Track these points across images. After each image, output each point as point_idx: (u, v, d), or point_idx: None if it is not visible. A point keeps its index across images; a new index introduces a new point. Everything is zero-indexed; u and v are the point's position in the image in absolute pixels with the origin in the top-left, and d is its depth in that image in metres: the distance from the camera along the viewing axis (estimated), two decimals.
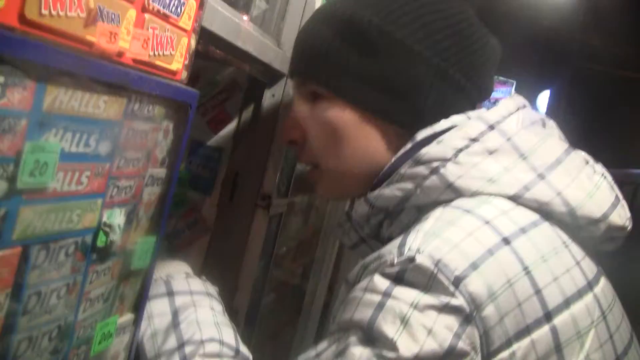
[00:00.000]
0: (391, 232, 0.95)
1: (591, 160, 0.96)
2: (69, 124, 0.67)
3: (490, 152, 0.87)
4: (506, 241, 0.80)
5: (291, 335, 2.53)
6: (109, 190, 0.78)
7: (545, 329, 0.78)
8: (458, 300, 0.75)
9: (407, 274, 0.76)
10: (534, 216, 0.85)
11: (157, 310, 0.99)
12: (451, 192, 0.86)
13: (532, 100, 0.96)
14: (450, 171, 0.86)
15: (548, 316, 0.79)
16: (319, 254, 2.63)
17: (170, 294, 1.03)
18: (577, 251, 0.87)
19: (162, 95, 0.83)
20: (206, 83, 1.48)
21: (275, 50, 1.39)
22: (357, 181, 1.00)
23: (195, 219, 1.53)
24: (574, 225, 0.87)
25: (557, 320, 0.79)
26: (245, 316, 1.56)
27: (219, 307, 1.09)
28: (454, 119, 0.94)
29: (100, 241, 0.78)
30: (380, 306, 0.76)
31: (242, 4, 1.35)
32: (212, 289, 1.12)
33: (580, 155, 0.96)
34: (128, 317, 0.92)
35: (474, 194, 0.85)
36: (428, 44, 0.93)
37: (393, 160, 0.94)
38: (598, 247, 0.92)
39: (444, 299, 0.75)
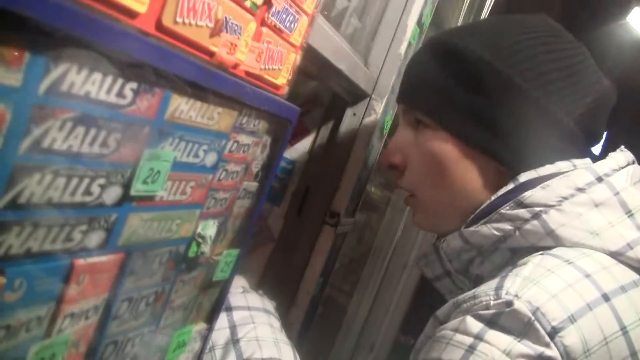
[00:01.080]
0: (482, 271, 0.93)
1: None
2: (184, 133, 0.66)
3: (596, 205, 0.85)
4: (606, 298, 0.77)
5: (328, 349, 2.52)
6: (207, 202, 0.77)
7: None
8: (552, 352, 0.72)
9: (502, 318, 0.74)
10: (634, 275, 0.82)
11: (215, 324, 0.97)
12: (550, 240, 0.84)
13: None
14: (553, 218, 0.84)
15: None
16: (366, 272, 2.61)
17: (228, 309, 1.01)
18: None
19: (268, 110, 0.82)
20: (288, 95, 1.48)
21: (363, 70, 1.38)
22: (452, 214, 0.98)
23: (261, 227, 1.53)
24: None
25: None
26: (298, 331, 1.55)
27: (277, 323, 1.07)
28: (559, 165, 0.92)
29: (192, 251, 0.78)
30: (471, 349, 0.73)
31: (334, 19, 1.34)
32: (270, 305, 1.11)
33: None
34: (201, 326, 0.91)
35: (574, 245, 0.83)
36: (538, 84, 0.91)
37: (493, 198, 0.92)
38: None
39: (538, 349, 0.72)
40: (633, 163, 0.94)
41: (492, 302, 0.76)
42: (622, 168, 0.91)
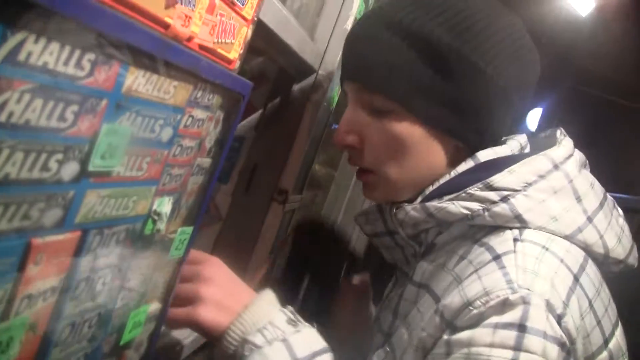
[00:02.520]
0: (438, 240, 0.98)
1: (615, 203, 1.03)
2: (141, 107, 0.64)
3: (555, 192, 0.91)
4: (576, 279, 0.85)
5: None
6: (163, 178, 0.75)
7: (604, 354, 0.87)
8: (564, 338, 0.79)
9: (528, 320, 0.78)
10: (582, 254, 0.91)
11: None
12: (517, 222, 0.89)
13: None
14: (520, 203, 0.89)
15: (606, 343, 0.87)
16: None
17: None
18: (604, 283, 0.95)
19: (222, 84, 0.80)
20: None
21: (310, 45, 1.36)
22: (411, 188, 1.01)
23: (208, 206, 1.51)
24: (600, 262, 0.94)
25: (611, 345, 0.88)
26: None
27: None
28: (511, 144, 1.01)
29: (148, 229, 0.76)
30: None
31: None
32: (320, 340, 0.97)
33: (610, 198, 1.02)
34: (156, 306, 0.90)
35: (538, 228, 0.89)
36: (496, 65, 0.94)
37: (453, 175, 0.97)
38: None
39: (558, 339, 0.78)
40: (574, 148, 1.01)
41: (510, 297, 0.79)
42: (572, 156, 0.97)
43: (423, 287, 0.97)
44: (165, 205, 0.78)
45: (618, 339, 0.91)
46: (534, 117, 8.35)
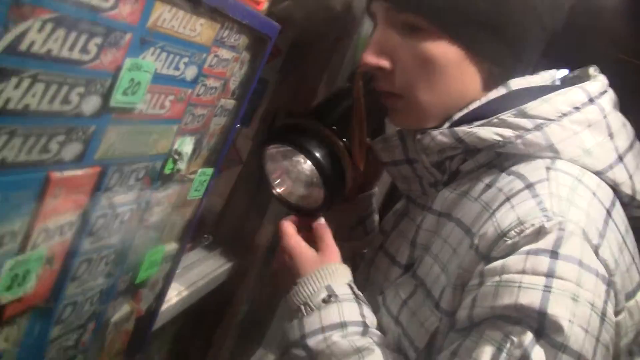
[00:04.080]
0: (463, 167, 0.95)
1: None
2: (166, 44, 0.62)
3: (589, 125, 0.88)
4: (609, 213, 0.83)
5: None
6: (185, 117, 0.74)
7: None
8: (601, 269, 0.76)
9: (562, 246, 0.75)
10: (611, 192, 0.88)
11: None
12: (550, 152, 0.86)
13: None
14: (555, 132, 0.87)
15: None
16: None
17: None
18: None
19: (250, 24, 0.78)
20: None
21: None
22: (441, 113, 0.96)
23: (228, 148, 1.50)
24: (624, 204, 0.90)
25: None
26: (264, 254, 1.54)
27: None
28: (543, 75, 0.98)
29: (168, 168, 0.75)
30: (547, 288, 0.74)
31: None
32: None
33: (638, 142, 0.97)
34: (173, 246, 0.90)
35: (570, 160, 0.86)
36: None
37: (485, 100, 0.94)
38: None
39: (595, 269, 0.75)
40: (608, 86, 0.97)
41: (545, 224, 0.76)
42: (606, 92, 0.94)
43: (444, 215, 0.95)
44: (186, 145, 0.77)
45: None
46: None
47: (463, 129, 0.90)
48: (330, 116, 1.04)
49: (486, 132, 0.88)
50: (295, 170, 1.06)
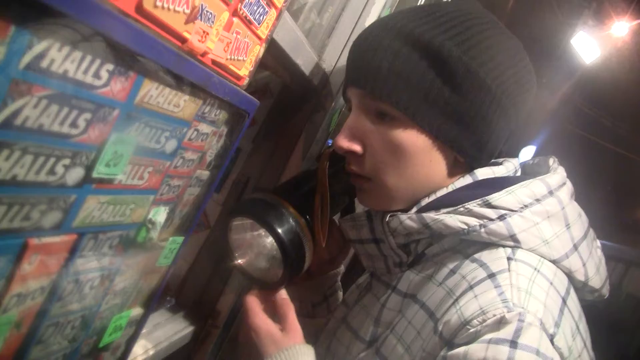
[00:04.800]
0: (429, 251, 0.99)
1: (595, 236, 1.05)
2: (150, 119, 0.65)
3: (548, 216, 0.93)
4: (564, 301, 0.87)
5: None
6: (162, 188, 0.76)
7: None
8: (557, 357, 0.79)
9: (521, 337, 0.78)
10: (566, 279, 0.92)
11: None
12: (511, 241, 0.91)
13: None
14: (516, 222, 0.91)
15: None
16: None
17: None
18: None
19: (230, 101, 0.81)
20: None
21: (317, 66, 1.37)
22: (408, 197, 1.01)
23: None
24: (577, 289, 0.95)
25: None
26: (225, 318, 1.54)
27: None
28: (507, 166, 1.03)
29: (141, 237, 0.76)
30: None
31: (294, 13, 1.33)
32: None
33: (592, 230, 1.03)
34: (138, 312, 0.90)
35: (529, 249, 0.91)
36: (499, 82, 0.95)
37: (451, 189, 0.98)
38: None
39: (550, 357, 0.78)
40: (566, 178, 1.03)
41: (506, 315, 0.80)
42: (565, 184, 1.00)
43: (409, 296, 0.98)
44: (160, 215, 0.78)
45: None
46: (527, 154, 8.43)
47: (430, 216, 0.94)
48: (295, 194, 1.08)
49: (452, 220, 0.92)
50: (257, 244, 1.07)
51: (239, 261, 1.09)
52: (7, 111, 0.44)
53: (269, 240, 1.04)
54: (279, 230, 0.99)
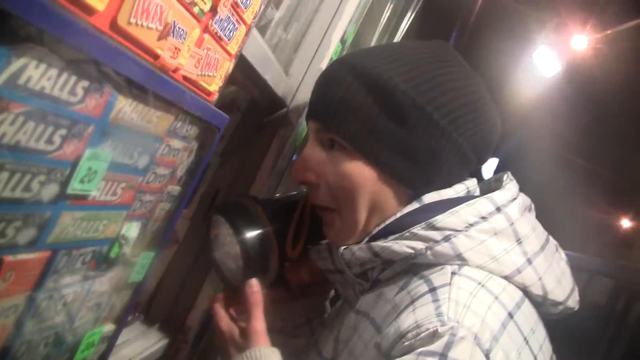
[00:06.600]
0: (382, 276, 1.00)
1: (558, 247, 1.06)
2: (123, 135, 0.65)
3: (496, 233, 0.94)
4: (510, 315, 0.86)
5: None
6: (134, 204, 0.76)
7: None
8: None
9: (452, 350, 0.79)
10: (520, 293, 0.93)
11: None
12: (458, 260, 0.91)
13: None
14: (462, 242, 0.92)
15: None
16: None
17: None
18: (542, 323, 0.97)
19: (201, 116, 0.82)
20: None
21: (285, 81, 1.39)
22: (363, 229, 1.02)
23: None
24: (539, 304, 0.96)
25: None
26: (195, 333, 1.53)
27: None
28: (457, 188, 1.02)
29: (114, 252, 0.76)
30: None
31: (261, 28, 1.34)
32: None
33: (553, 242, 1.05)
34: (111, 327, 0.89)
35: (477, 267, 0.91)
36: (451, 119, 0.97)
37: (399, 215, 0.99)
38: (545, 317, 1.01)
39: None
40: (519, 192, 1.04)
41: (439, 329, 0.80)
42: (515, 199, 1.00)
43: (361, 314, 0.99)
44: (133, 230, 0.79)
45: None
46: (490, 167, 8.53)
47: (379, 244, 0.96)
48: (274, 205, 1.12)
49: (399, 246, 0.94)
50: (229, 243, 1.08)
51: (215, 255, 1.11)
52: None
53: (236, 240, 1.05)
54: (243, 230, 1.02)
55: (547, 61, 6.20)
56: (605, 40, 5.85)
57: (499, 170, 1.11)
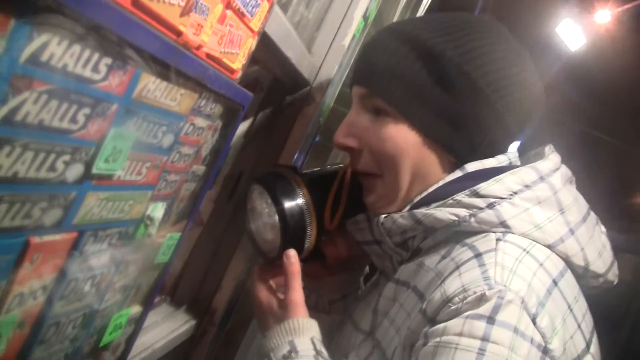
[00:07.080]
0: (423, 245, 1.00)
1: (598, 220, 1.05)
2: (147, 113, 0.64)
3: (539, 202, 0.94)
4: (555, 282, 0.87)
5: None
6: (159, 184, 0.75)
7: (588, 357, 0.88)
8: (537, 336, 0.79)
9: (500, 313, 0.79)
10: (562, 263, 0.92)
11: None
12: (501, 227, 0.91)
13: None
14: (506, 210, 0.92)
15: (588, 347, 0.89)
16: None
17: None
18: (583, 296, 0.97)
19: (225, 94, 0.81)
20: None
21: (307, 59, 1.37)
22: (405, 196, 1.02)
23: None
24: (580, 275, 0.95)
25: (592, 350, 0.90)
26: (222, 315, 1.53)
27: None
28: (500, 158, 1.02)
29: (140, 233, 0.76)
30: (481, 351, 0.78)
31: (283, 6, 1.33)
32: None
33: (593, 215, 1.04)
34: (138, 309, 0.89)
35: (521, 234, 0.91)
36: (496, 87, 0.97)
37: (441, 183, 0.99)
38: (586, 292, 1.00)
39: (530, 336, 0.79)
40: (561, 163, 1.03)
41: (487, 292, 0.80)
42: (558, 169, 1.00)
43: (401, 283, 0.99)
44: (158, 210, 0.78)
45: (597, 347, 0.93)
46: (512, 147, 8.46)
47: (421, 211, 0.96)
48: (313, 175, 1.12)
49: (442, 213, 0.94)
50: (267, 213, 1.08)
51: (251, 227, 1.11)
52: (9, 106, 0.43)
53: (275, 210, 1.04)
54: (282, 199, 1.02)
55: (571, 35, 6.11)
56: (629, 13, 5.76)
57: (522, 148, 1.10)
